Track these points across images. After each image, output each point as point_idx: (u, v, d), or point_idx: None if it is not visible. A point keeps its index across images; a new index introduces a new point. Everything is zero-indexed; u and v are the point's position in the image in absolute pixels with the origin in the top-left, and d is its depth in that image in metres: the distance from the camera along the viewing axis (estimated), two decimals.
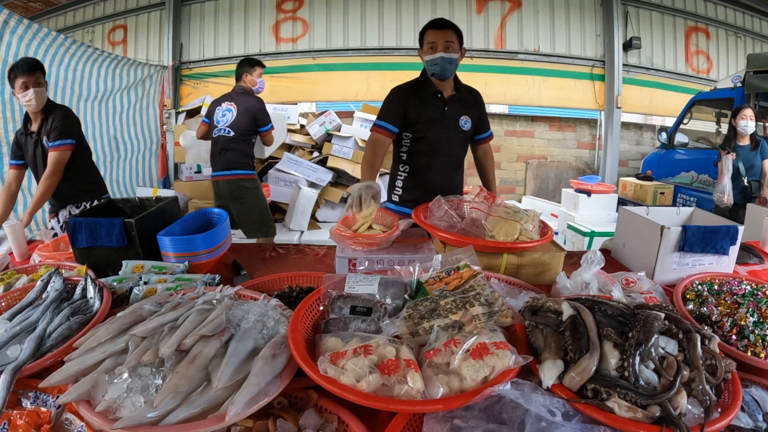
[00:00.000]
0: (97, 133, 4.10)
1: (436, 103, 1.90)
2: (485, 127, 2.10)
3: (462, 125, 1.95)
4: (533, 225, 1.40)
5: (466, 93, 2.00)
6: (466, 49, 1.90)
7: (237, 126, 3.10)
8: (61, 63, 3.51)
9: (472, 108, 1.99)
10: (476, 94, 2.05)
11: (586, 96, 5.82)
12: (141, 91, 4.86)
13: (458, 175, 2.06)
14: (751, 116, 3.35)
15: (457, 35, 1.82)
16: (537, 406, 0.70)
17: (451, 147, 1.97)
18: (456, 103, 1.94)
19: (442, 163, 1.97)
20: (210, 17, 5.83)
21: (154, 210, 1.49)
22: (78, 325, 0.99)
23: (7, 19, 2.89)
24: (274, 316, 0.96)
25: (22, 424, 0.76)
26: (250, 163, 3.22)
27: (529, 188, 6.04)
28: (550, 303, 0.92)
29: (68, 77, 3.60)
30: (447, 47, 1.79)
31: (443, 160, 1.97)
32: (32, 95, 2.10)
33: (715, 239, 1.38)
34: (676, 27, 5.93)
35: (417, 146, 1.95)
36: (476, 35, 5.62)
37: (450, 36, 1.80)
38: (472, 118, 1.98)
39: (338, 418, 0.77)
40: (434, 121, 1.90)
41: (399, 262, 1.30)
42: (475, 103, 2.02)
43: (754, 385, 0.92)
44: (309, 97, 5.72)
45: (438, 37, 1.79)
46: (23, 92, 2.10)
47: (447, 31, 1.81)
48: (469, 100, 1.99)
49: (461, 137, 1.98)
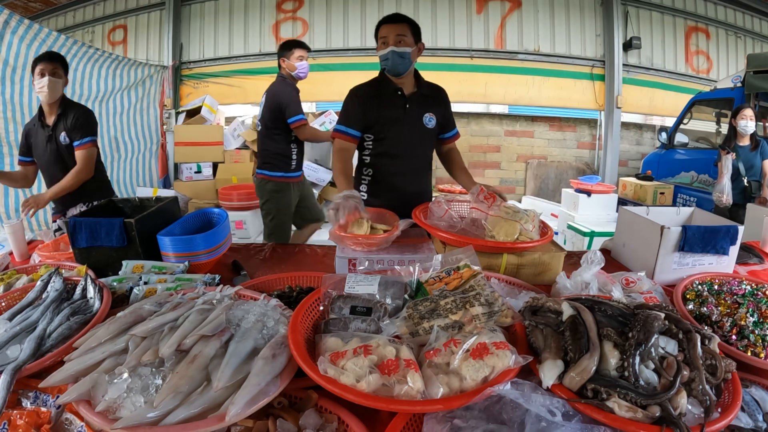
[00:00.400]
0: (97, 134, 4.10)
1: (396, 102, 1.81)
2: (451, 126, 1.98)
3: (426, 123, 1.85)
4: (533, 225, 1.40)
5: (429, 90, 1.89)
6: (425, 45, 1.82)
7: (263, 119, 2.82)
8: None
9: (437, 105, 1.89)
10: (440, 91, 1.94)
11: (586, 96, 5.82)
12: (141, 91, 4.87)
13: (426, 177, 1.96)
14: (751, 116, 3.36)
15: (411, 29, 1.74)
16: (537, 406, 0.70)
17: (415, 147, 1.87)
18: (418, 100, 1.84)
19: (406, 165, 1.87)
20: (210, 17, 5.83)
21: (154, 210, 1.49)
22: (78, 325, 0.99)
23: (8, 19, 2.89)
24: (274, 316, 0.96)
25: (22, 424, 0.76)
26: (272, 162, 2.83)
27: (529, 188, 6.04)
28: (550, 303, 0.92)
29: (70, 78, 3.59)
30: (399, 41, 1.71)
31: (408, 162, 1.87)
32: (45, 83, 2.11)
33: (715, 239, 1.38)
34: (676, 27, 5.93)
35: (379, 148, 1.86)
36: (476, 35, 5.62)
37: (402, 29, 1.72)
38: (437, 115, 1.87)
39: (338, 418, 0.77)
40: (395, 120, 1.81)
41: (399, 262, 1.30)
42: (440, 101, 1.91)
43: (754, 385, 0.92)
44: (309, 97, 5.70)
45: (389, 32, 1.72)
46: (39, 78, 2.13)
47: (399, 24, 1.73)
48: (432, 97, 1.89)
49: (426, 136, 1.88)
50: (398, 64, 1.74)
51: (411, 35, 1.74)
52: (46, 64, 2.13)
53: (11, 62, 2.99)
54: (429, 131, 1.87)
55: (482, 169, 5.98)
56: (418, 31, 1.79)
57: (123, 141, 4.58)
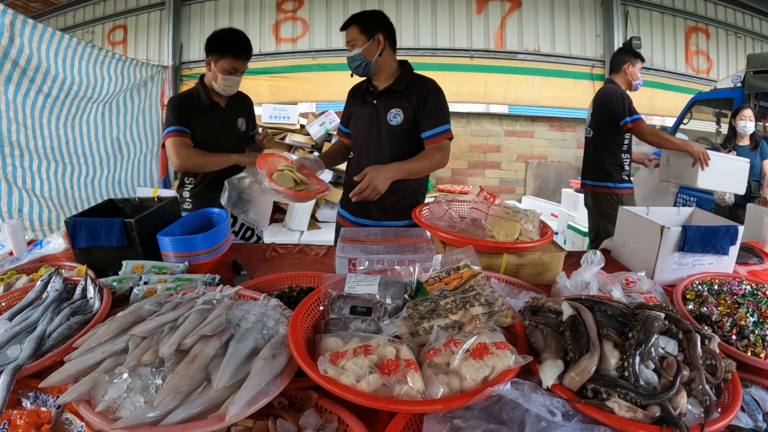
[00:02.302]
0: (100, 134, 4.09)
1: (366, 98, 1.84)
2: (430, 123, 1.74)
3: (390, 119, 1.76)
4: (533, 225, 1.40)
5: (406, 85, 1.77)
6: (383, 37, 1.73)
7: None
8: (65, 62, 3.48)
9: (408, 100, 1.76)
10: (422, 86, 1.77)
11: (586, 96, 5.81)
12: (144, 91, 4.86)
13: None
14: (751, 116, 3.37)
15: (360, 27, 1.72)
16: (537, 406, 0.70)
17: (371, 144, 1.80)
18: (387, 95, 1.78)
19: (363, 163, 1.77)
20: (210, 17, 5.83)
21: (154, 210, 1.48)
22: (78, 325, 0.99)
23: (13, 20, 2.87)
24: (274, 316, 0.96)
25: (22, 424, 0.76)
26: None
27: (529, 188, 6.03)
28: (550, 303, 0.92)
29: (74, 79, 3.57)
30: (351, 47, 1.75)
31: (365, 160, 1.80)
32: (235, 82, 1.97)
33: (715, 239, 1.38)
34: (676, 27, 5.93)
35: (353, 145, 1.94)
36: (476, 35, 5.61)
37: (351, 35, 1.74)
38: (407, 111, 1.75)
39: (338, 418, 0.77)
40: (361, 116, 1.84)
41: (399, 262, 1.30)
42: (417, 96, 1.75)
43: (754, 385, 0.92)
44: (309, 97, 5.71)
45: (346, 39, 1.76)
46: (227, 75, 1.92)
47: (348, 30, 1.76)
48: (406, 93, 1.76)
49: (391, 133, 1.78)
50: (355, 67, 1.78)
51: (361, 34, 1.72)
52: (243, 64, 1.93)
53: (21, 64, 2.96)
54: (392, 127, 1.77)
55: (482, 169, 5.98)
56: (373, 23, 1.73)
57: (125, 141, 4.58)
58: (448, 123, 1.77)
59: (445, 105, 1.80)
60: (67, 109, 3.49)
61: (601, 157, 2.78)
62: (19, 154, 3.06)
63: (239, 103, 2.13)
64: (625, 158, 2.75)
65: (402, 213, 1.84)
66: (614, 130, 2.68)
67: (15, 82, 2.95)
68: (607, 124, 2.71)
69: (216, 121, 2.02)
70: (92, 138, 3.86)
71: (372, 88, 1.83)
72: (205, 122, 1.98)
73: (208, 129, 2.00)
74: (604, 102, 2.72)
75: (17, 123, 3.03)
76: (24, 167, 3.09)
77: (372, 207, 1.85)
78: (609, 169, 2.75)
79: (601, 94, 2.79)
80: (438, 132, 1.75)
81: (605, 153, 2.76)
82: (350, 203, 1.81)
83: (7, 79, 2.88)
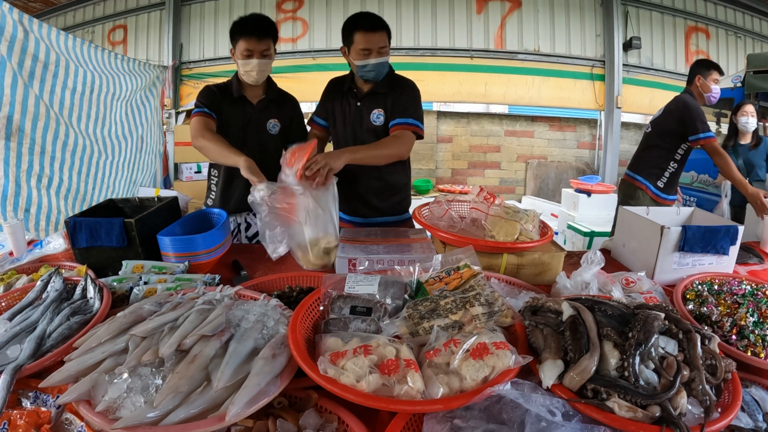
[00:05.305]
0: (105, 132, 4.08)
1: (349, 98, 1.81)
2: (397, 114, 1.74)
3: (373, 120, 1.77)
4: (533, 225, 1.40)
5: (388, 85, 1.78)
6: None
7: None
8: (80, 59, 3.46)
9: (389, 99, 1.77)
10: (401, 84, 1.80)
11: (586, 96, 5.82)
12: (146, 91, 4.86)
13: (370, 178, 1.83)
14: (753, 113, 3.32)
15: (387, 34, 1.70)
16: (537, 406, 0.70)
17: (357, 144, 1.79)
18: (370, 96, 1.78)
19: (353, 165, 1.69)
20: (210, 17, 5.83)
21: (154, 210, 1.48)
22: (78, 325, 0.99)
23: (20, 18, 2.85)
24: (274, 316, 0.96)
25: (22, 424, 0.76)
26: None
27: (529, 188, 6.03)
28: (550, 303, 0.92)
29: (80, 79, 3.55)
30: (381, 51, 1.67)
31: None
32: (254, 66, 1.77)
33: (715, 239, 1.39)
34: (676, 27, 5.93)
35: (334, 146, 1.91)
36: (476, 35, 5.61)
37: (382, 40, 1.67)
38: (386, 111, 1.76)
39: (338, 418, 0.77)
40: (344, 117, 1.82)
41: (399, 262, 1.30)
42: (395, 93, 1.77)
43: (754, 385, 0.92)
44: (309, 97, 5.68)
45: (371, 42, 1.65)
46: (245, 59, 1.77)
47: (378, 34, 1.66)
48: (387, 92, 1.77)
49: (372, 133, 1.78)
50: (381, 73, 1.73)
51: (388, 40, 1.70)
52: (256, 44, 1.73)
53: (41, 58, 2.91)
54: (376, 128, 1.79)
55: (482, 169, 5.98)
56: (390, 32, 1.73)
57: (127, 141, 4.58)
58: (417, 119, 1.76)
59: (418, 102, 1.80)
60: (96, 106, 3.44)
61: (648, 153, 2.81)
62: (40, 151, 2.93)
63: (277, 104, 1.96)
64: (671, 166, 2.74)
65: (393, 209, 1.92)
66: (675, 139, 2.68)
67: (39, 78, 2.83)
68: (671, 131, 2.71)
69: (241, 115, 1.88)
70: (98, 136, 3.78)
71: (356, 90, 1.81)
72: (229, 114, 1.86)
73: (231, 122, 1.87)
74: (677, 110, 2.72)
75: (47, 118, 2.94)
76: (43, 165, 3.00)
77: (361, 206, 1.90)
78: (649, 166, 2.77)
79: (677, 101, 2.79)
80: (402, 122, 1.74)
81: (654, 151, 2.77)
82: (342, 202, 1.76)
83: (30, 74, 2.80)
